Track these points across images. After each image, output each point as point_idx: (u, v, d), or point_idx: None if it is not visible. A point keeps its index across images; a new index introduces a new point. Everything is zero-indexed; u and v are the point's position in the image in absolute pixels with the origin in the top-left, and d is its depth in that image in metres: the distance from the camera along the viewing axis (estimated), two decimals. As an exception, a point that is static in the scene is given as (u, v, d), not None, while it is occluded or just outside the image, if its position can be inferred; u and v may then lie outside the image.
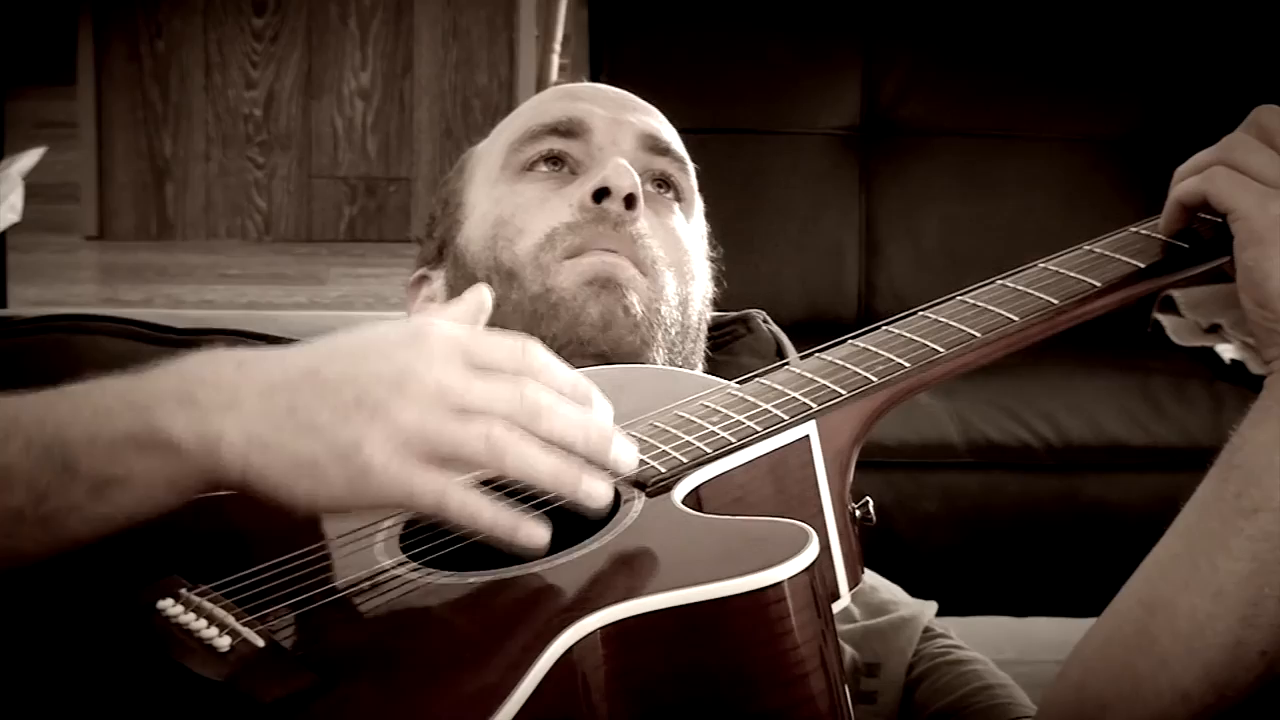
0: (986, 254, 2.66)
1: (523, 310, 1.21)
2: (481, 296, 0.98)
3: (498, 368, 0.88)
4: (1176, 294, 2.59)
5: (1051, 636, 2.28)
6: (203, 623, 0.84)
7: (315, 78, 4.40)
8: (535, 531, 0.85)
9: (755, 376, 1.01)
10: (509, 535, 0.85)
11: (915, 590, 1.32)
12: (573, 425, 0.87)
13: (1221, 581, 1.01)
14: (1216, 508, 1.03)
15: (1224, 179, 1.02)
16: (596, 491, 0.86)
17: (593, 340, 1.19)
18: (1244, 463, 1.02)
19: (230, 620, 0.84)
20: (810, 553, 0.83)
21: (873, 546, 1.00)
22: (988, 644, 1.46)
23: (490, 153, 1.32)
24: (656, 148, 1.28)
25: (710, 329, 1.32)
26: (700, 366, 1.30)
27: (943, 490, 2.32)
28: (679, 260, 1.25)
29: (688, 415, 0.97)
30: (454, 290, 1.28)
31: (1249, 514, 1.01)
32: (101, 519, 0.89)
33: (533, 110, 1.32)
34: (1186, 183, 1.04)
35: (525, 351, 0.89)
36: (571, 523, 0.86)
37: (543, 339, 1.18)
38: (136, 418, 0.88)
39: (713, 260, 1.33)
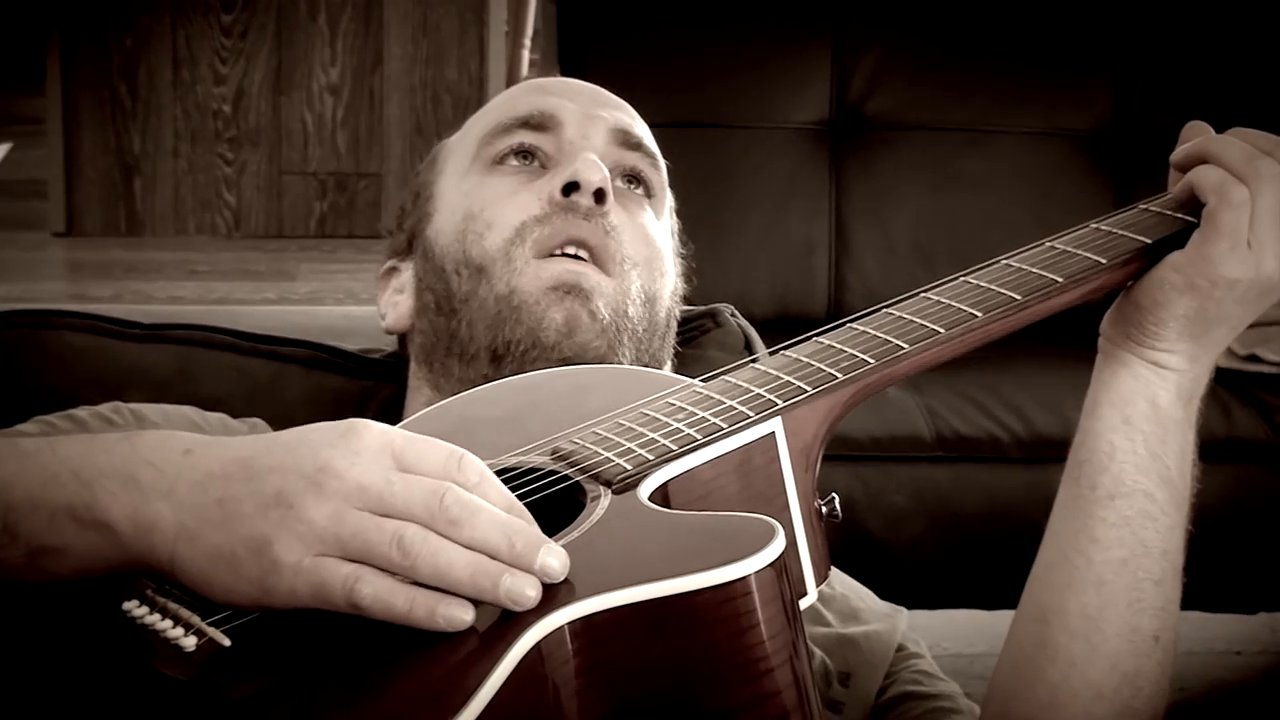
0: (957, 248, 2.65)
1: (487, 309, 1.21)
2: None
3: (427, 474, 0.84)
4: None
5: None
6: (168, 623, 0.84)
7: (285, 73, 4.39)
8: (454, 614, 0.81)
9: (721, 374, 1.01)
10: (428, 620, 0.81)
11: (885, 583, 1.32)
12: (495, 531, 0.82)
13: (1099, 572, 1.06)
14: (1076, 505, 1.08)
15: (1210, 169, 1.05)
16: (520, 595, 0.81)
17: (557, 345, 1.19)
18: (1088, 456, 1.07)
19: (195, 620, 0.84)
20: (776, 547, 0.83)
21: (842, 540, 1.01)
22: (957, 637, 1.47)
23: (461, 146, 1.31)
24: (628, 143, 1.28)
25: (678, 323, 1.32)
26: (669, 364, 1.30)
27: (911, 483, 2.31)
28: (648, 257, 1.25)
29: (653, 413, 0.97)
30: (423, 281, 1.28)
31: (1106, 501, 1.06)
32: (34, 578, 0.88)
33: (504, 104, 1.32)
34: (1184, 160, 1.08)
35: (461, 464, 0.85)
36: (538, 520, 0.86)
37: (506, 343, 1.19)
38: (79, 492, 0.87)
39: (683, 257, 1.33)
